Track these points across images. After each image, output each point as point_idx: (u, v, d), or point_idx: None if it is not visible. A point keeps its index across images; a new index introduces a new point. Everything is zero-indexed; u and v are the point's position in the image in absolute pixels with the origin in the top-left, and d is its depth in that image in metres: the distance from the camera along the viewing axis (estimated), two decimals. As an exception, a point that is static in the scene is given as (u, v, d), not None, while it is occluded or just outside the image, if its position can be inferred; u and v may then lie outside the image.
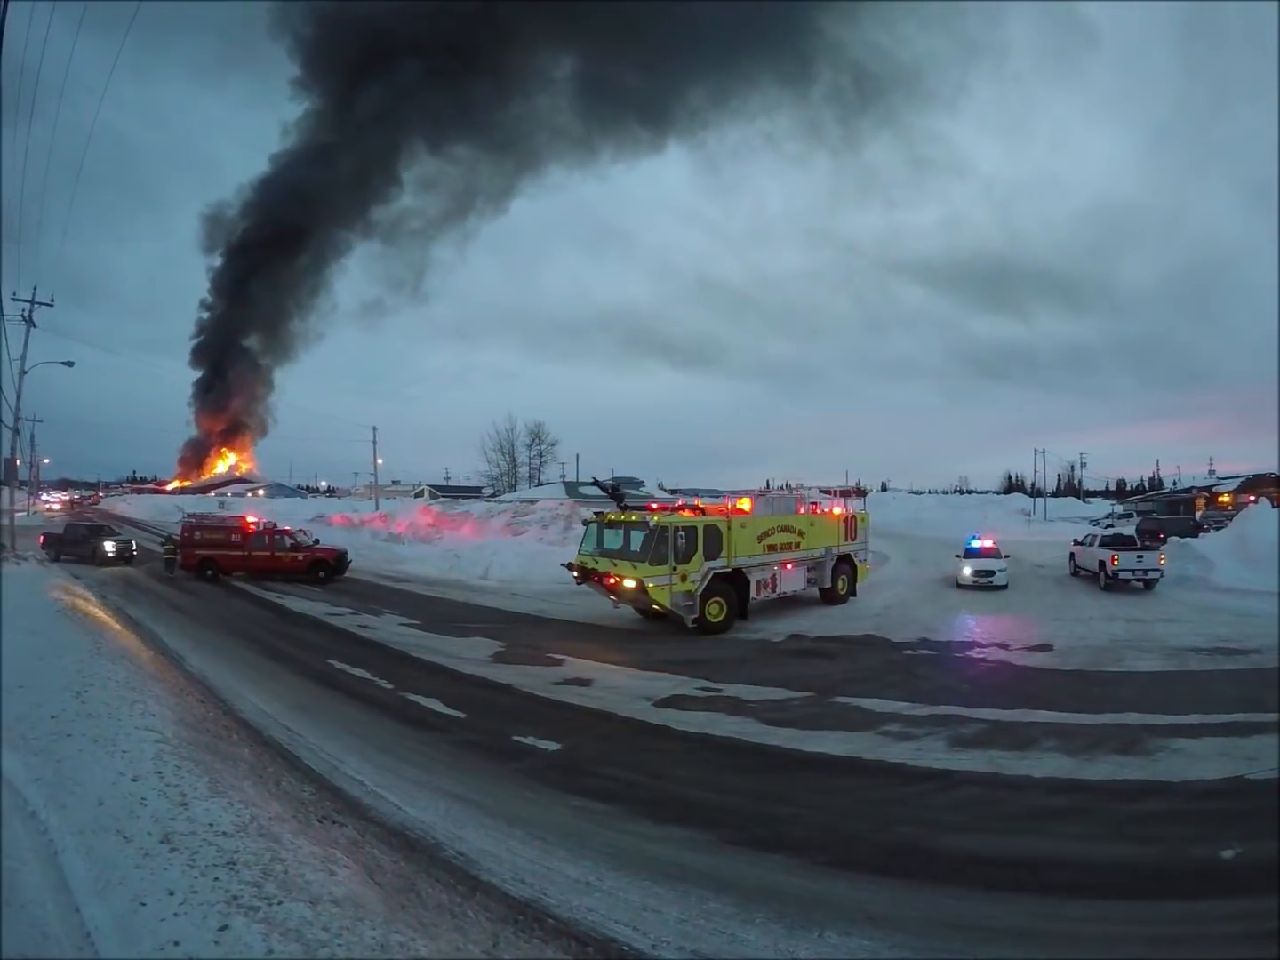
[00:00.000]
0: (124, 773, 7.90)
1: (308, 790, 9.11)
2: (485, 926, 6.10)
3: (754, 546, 22.09)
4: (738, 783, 9.59)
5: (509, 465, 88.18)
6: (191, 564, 31.06)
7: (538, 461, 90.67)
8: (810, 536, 24.10)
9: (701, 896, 6.79)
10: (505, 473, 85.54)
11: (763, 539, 22.44)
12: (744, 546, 21.68)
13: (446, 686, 14.51)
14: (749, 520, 22.49)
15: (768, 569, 22.63)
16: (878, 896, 6.80)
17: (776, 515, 23.62)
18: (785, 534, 23.25)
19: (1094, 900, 6.65)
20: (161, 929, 5.04)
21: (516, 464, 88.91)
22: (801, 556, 23.84)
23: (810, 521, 24.44)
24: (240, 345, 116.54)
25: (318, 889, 5.77)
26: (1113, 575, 27.96)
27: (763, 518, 23.05)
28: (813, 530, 24.30)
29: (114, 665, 13.10)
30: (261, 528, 32.49)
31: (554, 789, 9.42)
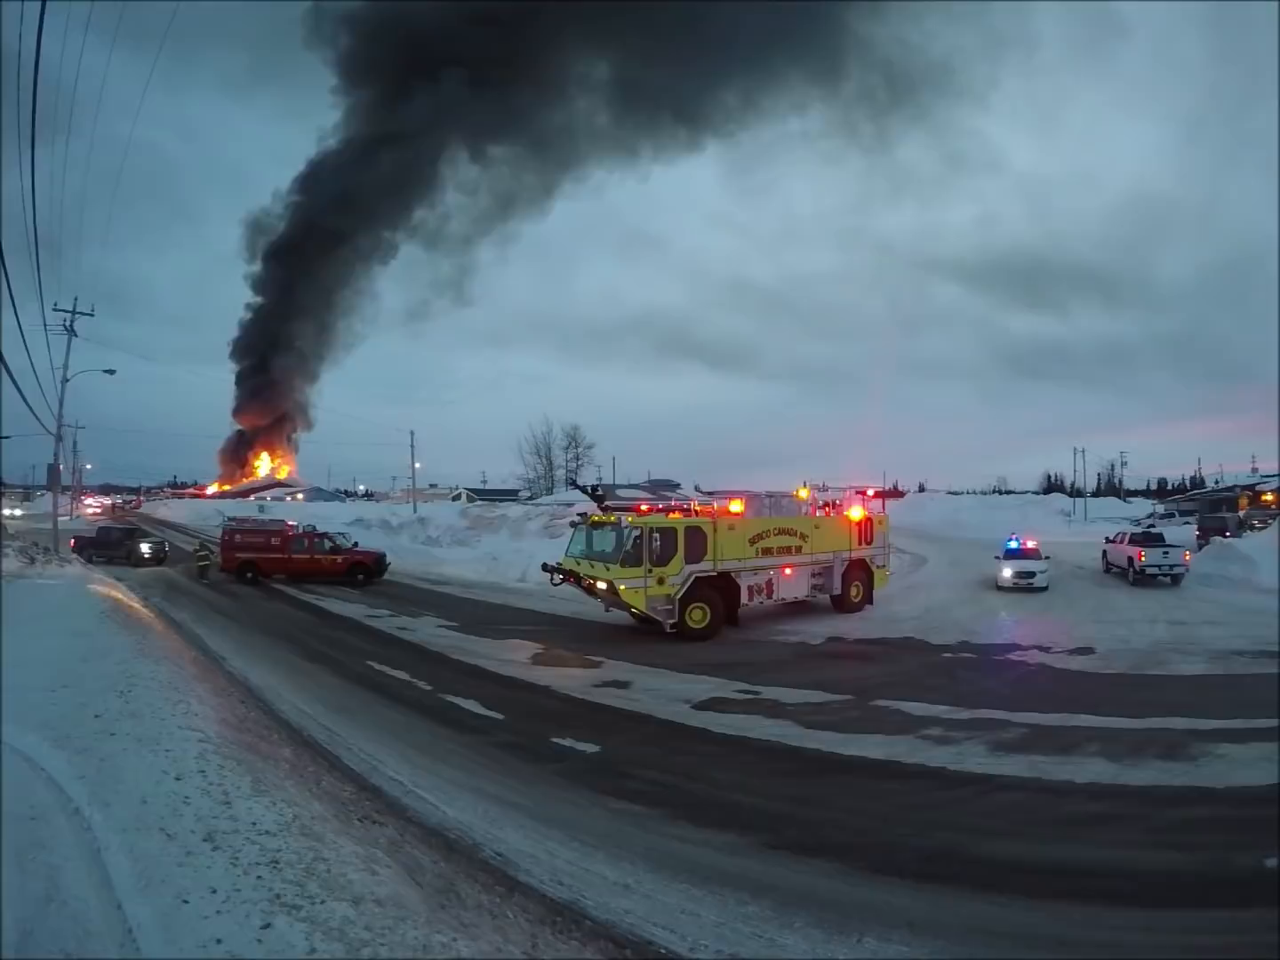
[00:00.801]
0: (167, 772, 7.97)
1: (348, 790, 9.17)
2: (524, 927, 6.09)
3: (744, 550, 21.46)
4: (777, 786, 9.53)
5: (545, 468, 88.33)
6: (232, 567, 31.46)
7: (574, 464, 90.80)
8: (815, 540, 23.25)
9: (740, 900, 6.74)
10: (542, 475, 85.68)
11: (756, 542, 21.80)
12: (732, 550, 21.12)
13: (485, 688, 14.57)
14: (739, 522, 21.90)
15: (762, 573, 21.97)
16: (917, 902, 6.71)
17: (773, 517, 23.00)
18: (783, 537, 22.53)
19: (1136, 909, 6.53)
20: (204, 927, 5.07)
21: (553, 467, 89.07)
22: (803, 561, 23.07)
23: (815, 524, 23.66)
24: (283, 340, 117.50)
25: (360, 888, 5.79)
26: (1140, 570, 29.31)
27: (756, 519, 22.49)
28: (818, 533, 23.45)
29: (157, 666, 13.24)
30: (301, 531, 32.76)
31: (592, 791, 9.42)
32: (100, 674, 12.24)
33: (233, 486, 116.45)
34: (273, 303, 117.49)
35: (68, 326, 36.05)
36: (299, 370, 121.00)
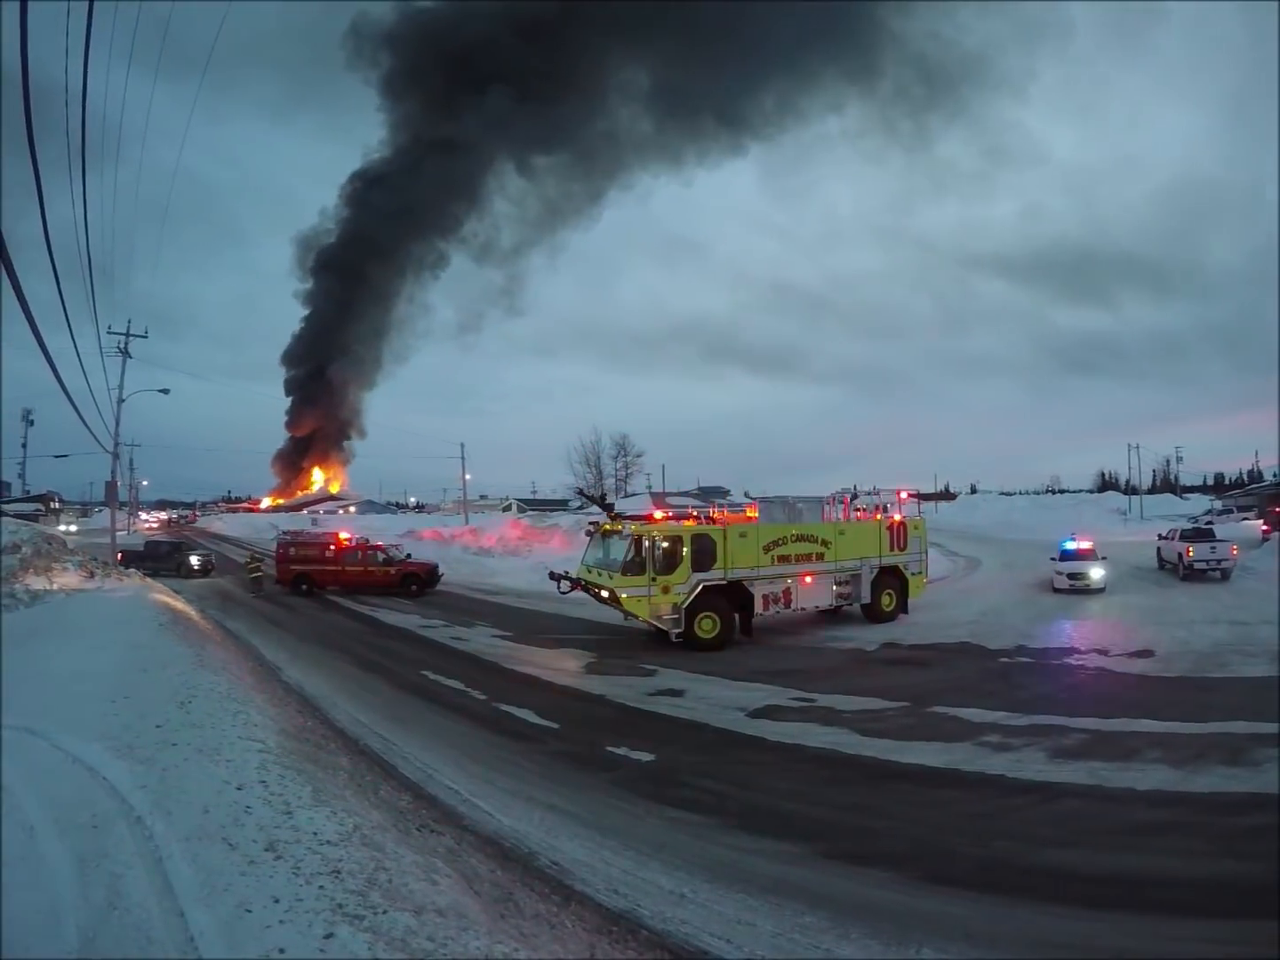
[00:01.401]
0: (228, 781, 8.08)
1: (405, 799, 9.26)
2: (582, 937, 6.11)
3: (758, 557, 20.85)
4: (833, 795, 9.47)
5: (595, 477, 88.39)
6: (287, 579, 31.94)
7: (624, 473, 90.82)
8: (839, 546, 22.41)
9: (796, 910, 6.71)
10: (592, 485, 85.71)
11: (771, 549, 21.14)
12: (744, 557, 20.61)
13: (539, 697, 14.64)
14: (751, 529, 21.50)
15: (778, 581, 21.28)
16: (975, 913, 6.64)
17: (789, 524, 22.36)
18: (802, 544, 21.82)
19: (1198, 919, 6.40)
20: (267, 935, 5.12)
21: (603, 476, 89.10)
22: (826, 568, 22.21)
23: (839, 530, 22.85)
24: (337, 347, 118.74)
25: (421, 898, 5.83)
26: (1189, 565, 29.94)
27: (770, 526, 21.99)
28: (842, 539, 22.61)
29: (216, 677, 13.43)
30: (354, 543, 33.08)
31: (647, 800, 9.42)
32: (160, 685, 12.44)
33: (286, 500, 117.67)
34: (325, 312, 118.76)
35: (122, 349, 37.23)
36: (354, 376, 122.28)
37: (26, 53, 6.84)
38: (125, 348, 37.24)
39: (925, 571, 25.15)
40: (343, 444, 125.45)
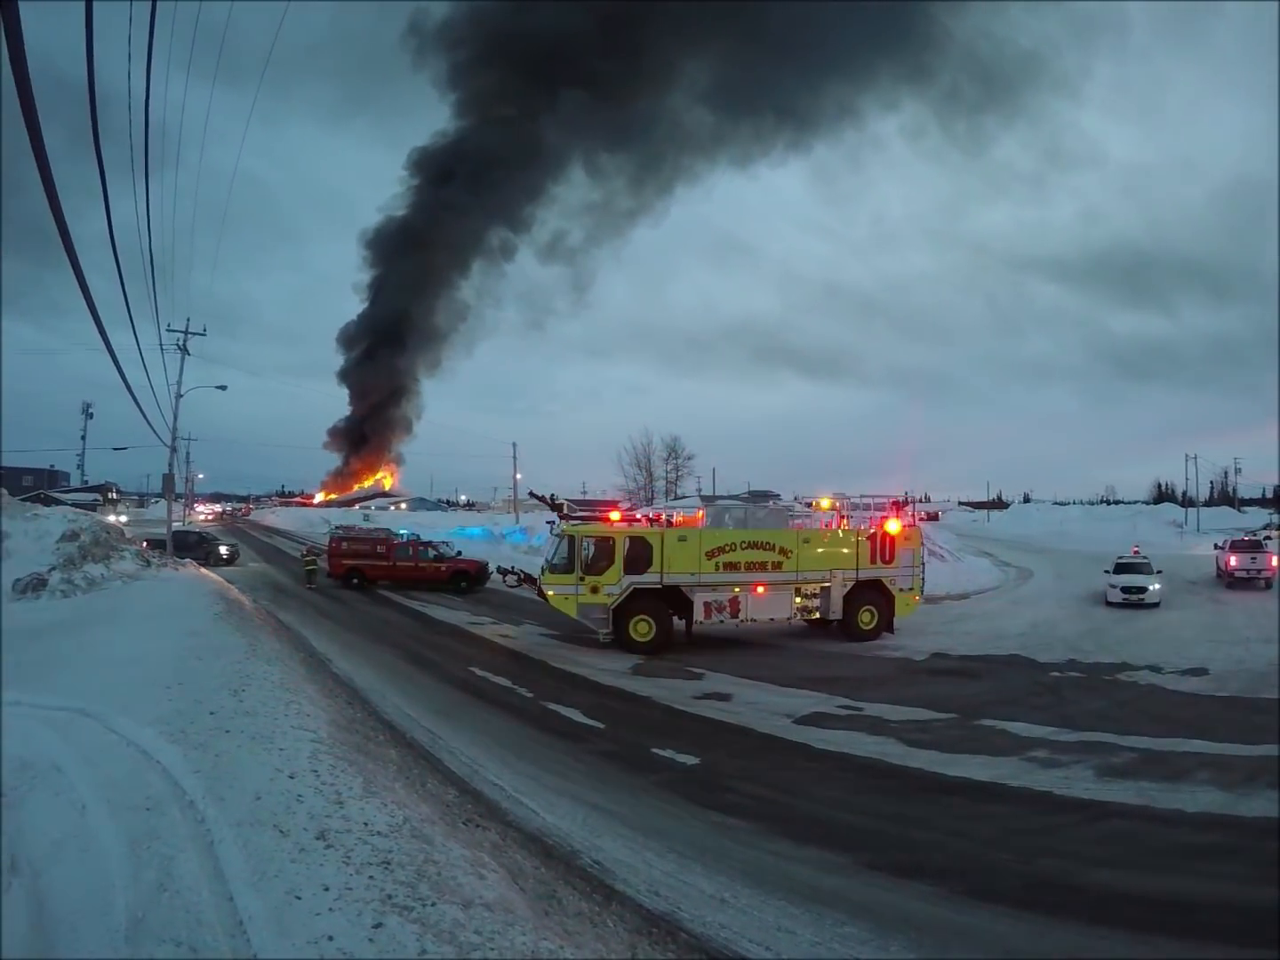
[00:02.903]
0: (281, 769, 8.22)
1: (451, 793, 9.37)
2: (624, 937, 6.15)
3: (699, 563, 20.17)
4: (878, 805, 9.41)
5: (646, 479, 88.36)
6: (339, 573, 32.43)
7: (674, 475, 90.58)
8: (802, 556, 21.01)
9: (837, 920, 6.67)
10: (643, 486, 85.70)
11: (715, 555, 20.37)
12: (682, 562, 20.11)
13: (586, 697, 14.77)
14: (692, 533, 20.93)
15: (723, 590, 20.37)
16: (1018, 930, 6.58)
17: (738, 530, 21.46)
18: (755, 551, 20.72)
19: (1246, 946, 6.26)
20: (316, 923, 5.21)
21: (653, 478, 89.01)
22: (783, 579, 20.89)
23: (803, 538, 21.39)
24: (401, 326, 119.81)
25: (469, 892, 5.90)
26: (1232, 573, 31.26)
27: (715, 531, 21.30)
28: (806, 549, 21.17)
29: (269, 666, 13.65)
30: (406, 539, 33.37)
31: (691, 803, 9.43)
32: (215, 673, 12.68)
33: (338, 496, 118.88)
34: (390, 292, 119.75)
35: (181, 345, 38.07)
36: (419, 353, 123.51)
37: (92, 61, 7.03)
38: (184, 345, 38.14)
39: (920, 589, 23.08)
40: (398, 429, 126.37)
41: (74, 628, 17.61)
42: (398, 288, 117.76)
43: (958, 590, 31.40)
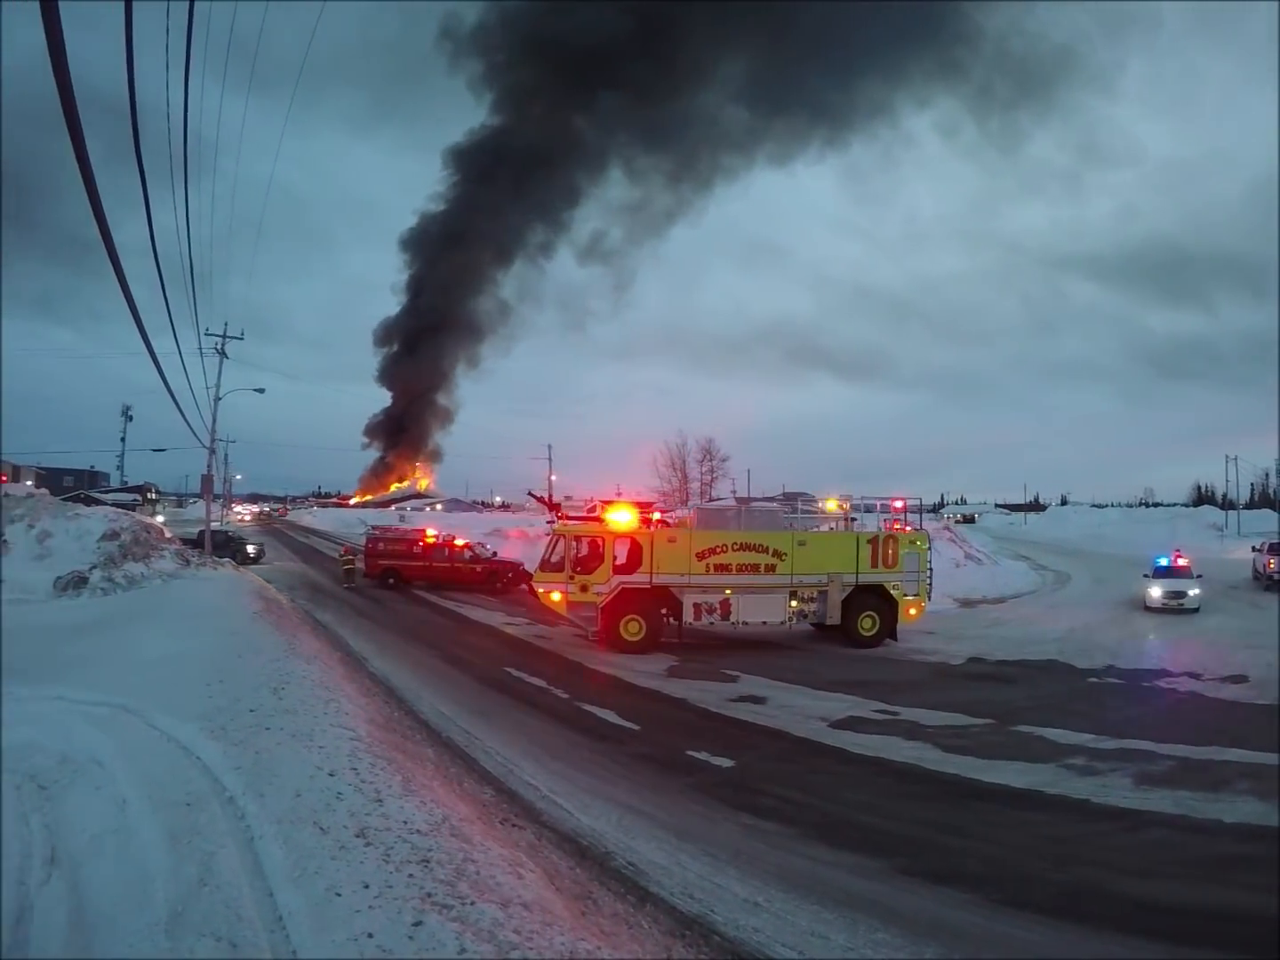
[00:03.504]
0: (320, 767, 8.33)
1: (488, 793, 9.47)
2: (658, 939, 6.18)
3: (689, 564, 20.15)
4: (913, 810, 9.33)
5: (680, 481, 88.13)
6: (375, 573, 32.79)
7: (709, 477, 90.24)
8: (798, 559, 20.69)
9: (871, 926, 6.63)
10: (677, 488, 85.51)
11: (705, 557, 20.28)
12: (672, 563, 20.15)
13: (621, 698, 14.80)
14: (682, 534, 20.93)
15: (713, 591, 20.30)
16: (1052, 939, 6.50)
17: (730, 531, 21.15)
18: (746, 553, 20.52)
19: (1281, 960, 6.15)
20: (356, 920, 5.28)
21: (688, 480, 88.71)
22: (776, 582, 20.59)
23: (798, 540, 21.05)
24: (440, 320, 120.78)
25: (508, 891, 5.95)
26: (1270, 576, 31.34)
27: (705, 533, 20.97)
28: (802, 551, 20.82)
29: (308, 665, 13.81)
30: (441, 540, 33.59)
31: (725, 806, 9.41)
32: (254, 670, 12.85)
33: (374, 497, 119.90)
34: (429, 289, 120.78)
35: (219, 350, 38.75)
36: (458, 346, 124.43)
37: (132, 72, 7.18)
38: (222, 349, 38.79)
39: (926, 595, 21.99)
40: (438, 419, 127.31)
41: (115, 625, 17.86)
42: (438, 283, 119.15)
43: (994, 594, 31.23)
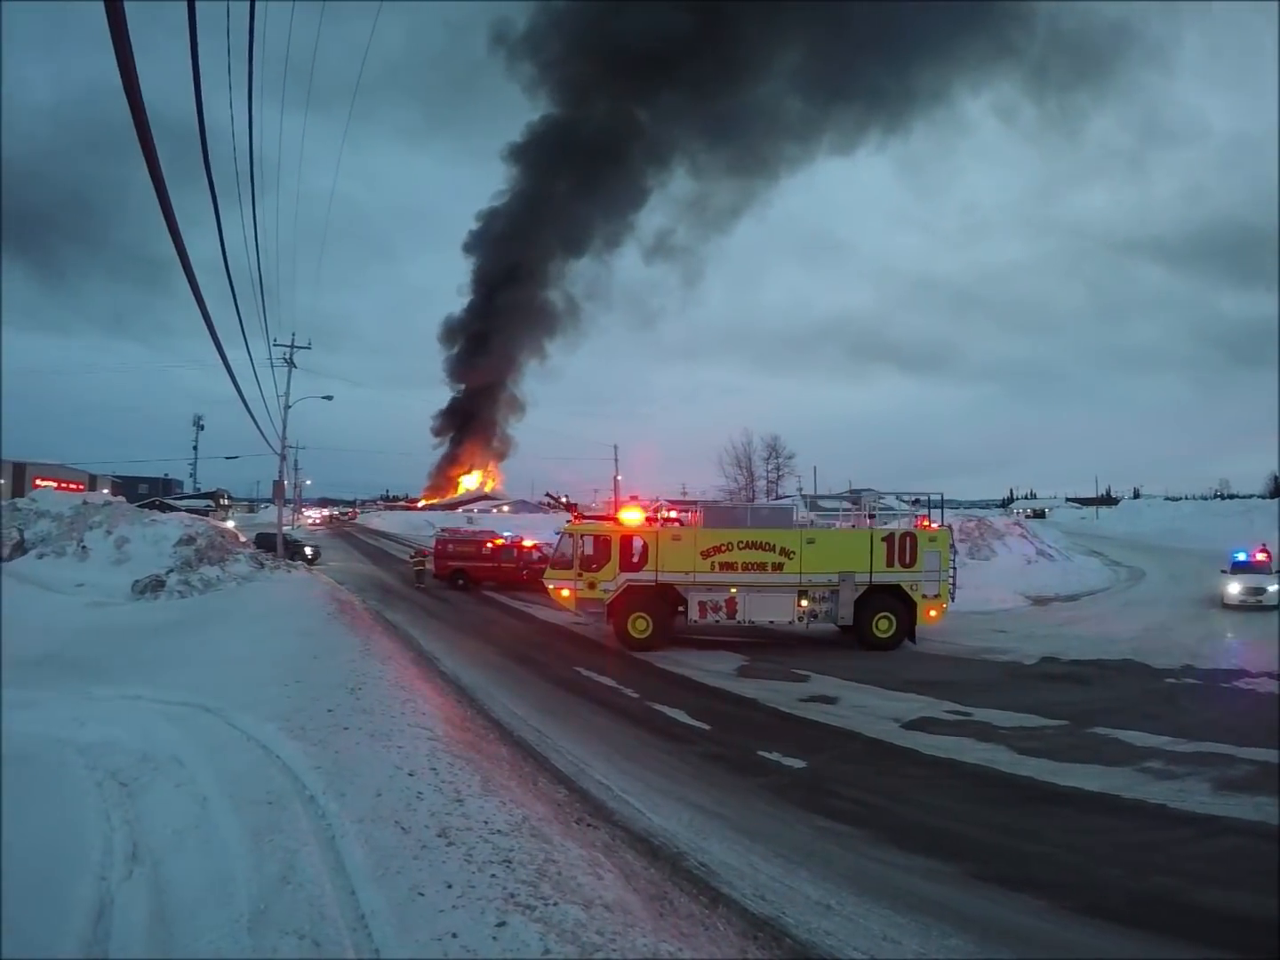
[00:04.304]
0: (400, 767, 8.53)
1: (561, 792, 9.60)
2: (734, 941, 6.22)
3: (694, 562, 20.20)
4: (986, 814, 9.25)
5: (747, 479, 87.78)
6: (444, 574, 33.36)
7: (775, 475, 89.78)
8: (807, 558, 20.27)
9: (943, 932, 6.59)
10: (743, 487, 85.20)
11: (711, 555, 20.25)
12: (677, 561, 20.24)
13: (691, 698, 14.83)
14: (686, 532, 20.99)
15: (719, 590, 20.29)
16: (1126, 949, 6.40)
17: (736, 529, 20.96)
18: (753, 551, 20.31)
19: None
20: (439, 920, 5.40)
21: (754, 478, 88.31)
22: (784, 581, 20.30)
23: (807, 538, 20.62)
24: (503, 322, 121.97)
25: (589, 892, 6.05)
26: None
27: (711, 531, 20.95)
28: (811, 550, 20.36)
29: (383, 665, 14.09)
30: (509, 541, 33.90)
31: (797, 807, 9.41)
32: (331, 671, 13.16)
33: (440, 500, 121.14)
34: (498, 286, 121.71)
35: (288, 360, 40.27)
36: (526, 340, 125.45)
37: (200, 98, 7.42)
38: (291, 358, 40.27)
39: (948, 595, 21.03)
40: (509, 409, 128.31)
41: (192, 627, 18.39)
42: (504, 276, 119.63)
43: (1067, 592, 30.65)
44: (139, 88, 5.51)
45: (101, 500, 35.74)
